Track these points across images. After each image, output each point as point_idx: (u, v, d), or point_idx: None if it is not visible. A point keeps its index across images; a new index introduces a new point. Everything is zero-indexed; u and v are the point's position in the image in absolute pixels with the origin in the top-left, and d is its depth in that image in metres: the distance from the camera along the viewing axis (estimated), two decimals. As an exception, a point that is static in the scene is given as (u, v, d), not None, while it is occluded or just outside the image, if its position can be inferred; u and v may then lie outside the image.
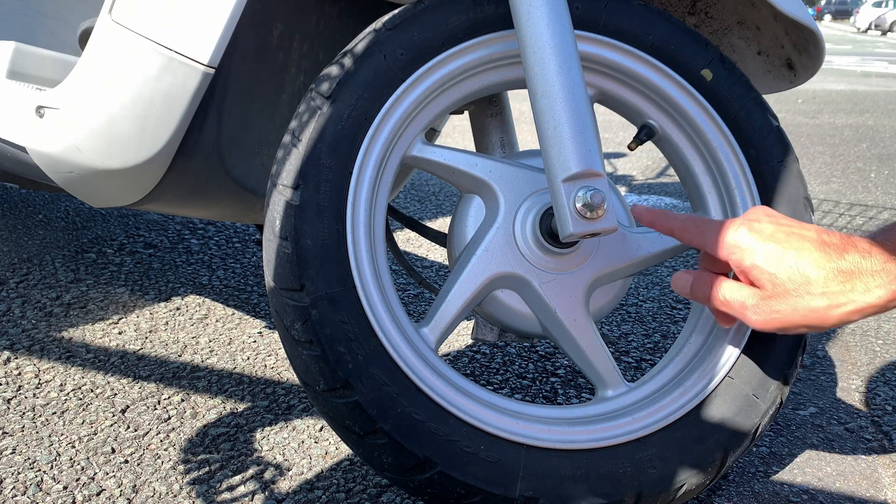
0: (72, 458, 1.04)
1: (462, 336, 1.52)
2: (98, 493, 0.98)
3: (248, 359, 1.37)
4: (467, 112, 1.17)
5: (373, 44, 0.90)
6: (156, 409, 1.19)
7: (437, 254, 2.06)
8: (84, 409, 1.17)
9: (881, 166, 3.59)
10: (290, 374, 1.32)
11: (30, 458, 1.04)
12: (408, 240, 2.18)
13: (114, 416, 1.16)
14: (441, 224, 2.39)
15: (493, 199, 0.97)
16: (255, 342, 1.44)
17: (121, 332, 1.44)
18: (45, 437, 1.09)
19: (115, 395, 1.22)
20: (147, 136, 0.98)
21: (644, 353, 1.48)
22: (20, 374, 1.26)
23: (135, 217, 2.13)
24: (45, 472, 1.01)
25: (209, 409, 1.20)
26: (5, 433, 1.09)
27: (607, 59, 0.98)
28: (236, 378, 1.30)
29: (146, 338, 1.43)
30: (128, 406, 1.19)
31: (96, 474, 1.01)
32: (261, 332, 1.49)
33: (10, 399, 1.18)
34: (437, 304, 0.95)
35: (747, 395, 0.96)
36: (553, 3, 0.85)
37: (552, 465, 0.89)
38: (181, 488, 0.99)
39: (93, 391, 1.22)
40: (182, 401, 1.21)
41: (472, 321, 1.10)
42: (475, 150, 1.08)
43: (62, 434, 1.10)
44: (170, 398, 1.22)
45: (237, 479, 1.02)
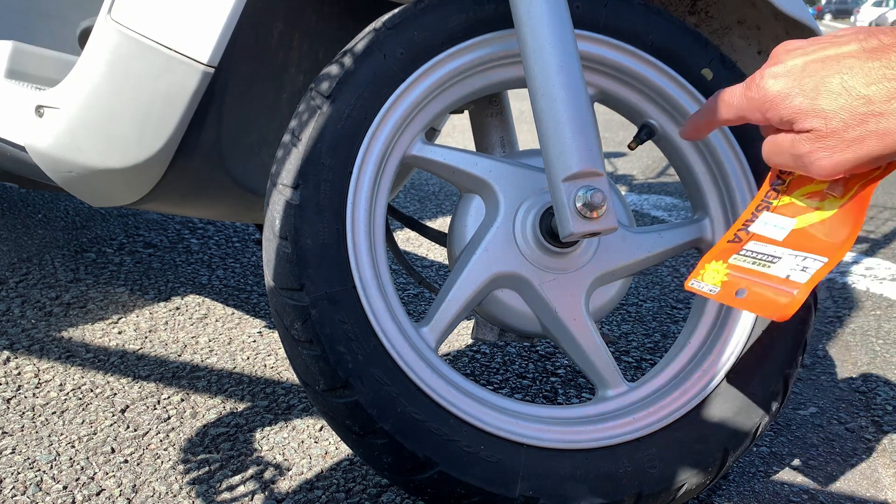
0: (71, 458, 1.04)
1: (462, 336, 1.52)
2: (98, 493, 0.97)
3: (248, 358, 1.37)
4: (467, 111, 1.17)
5: (373, 43, 0.90)
6: (155, 408, 1.18)
7: (437, 253, 2.06)
8: (84, 409, 1.17)
9: (881, 166, 3.59)
10: (289, 374, 1.32)
11: (29, 458, 1.04)
12: (408, 239, 2.17)
13: (113, 415, 1.16)
14: (441, 224, 2.39)
15: (493, 198, 0.97)
16: (254, 342, 1.44)
17: (120, 332, 1.44)
18: (45, 437, 1.09)
19: (115, 394, 1.22)
20: (147, 136, 0.98)
21: (644, 353, 1.48)
22: (20, 373, 1.26)
23: (134, 217, 2.13)
24: (44, 471, 1.01)
25: (209, 408, 1.19)
26: (5, 433, 1.09)
27: (607, 58, 0.98)
28: (236, 378, 1.30)
29: (146, 337, 1.43)
30: (127, 406, 1.19)
31: (96, 474, 1.01)
32: (260, 332, 1.49)
33: (10, 399, 1.18)
34: (437, 303, 0.95)
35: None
36: (553, 3, 0.84)
37: (552, 465, 0.88)
38: (181, 488, 0.99)
39: (92, 391, 1.22)
40: (182, 400, 1.21)
41: (472, 321, 1.10)
42: (475, 150, 1.08)
43: (62, 434, 1.10)
44: (169, 398, 1.22)
45: (237, 478, 1.02)
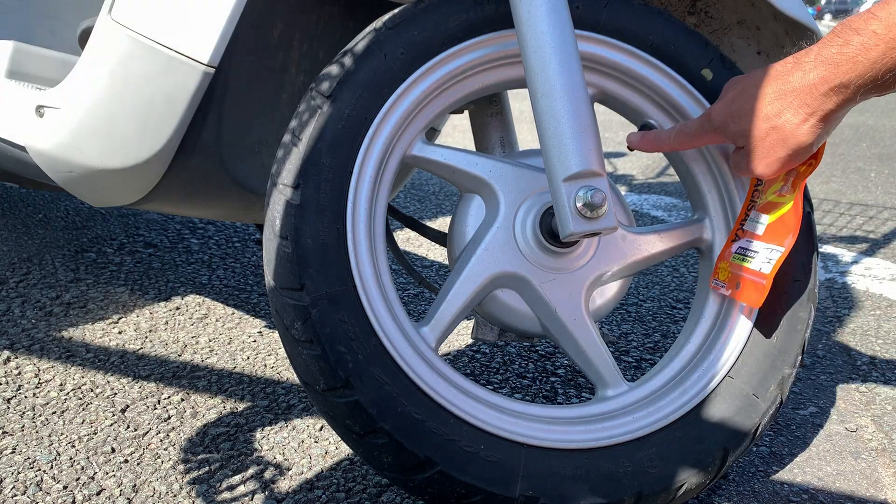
0: (72, 458, 1.04)
1: (462, 336, 1.52)
2: (98, 493, 0.97)
3: (248, 358, 1.37)
4: (467, 111, 1.17)
5: (373, 43, 0.90)
6: (156, 408, 1.19)
7: (437, 253, 2.06)
8: (84, 409, 1.17)
9: (881, 166, 3.59)
10: (290, 374, 1.32)
11: (29, 458, 1.04)
12: (408, 239, 2.18)
13: (114, 415, 1.16)
14: (441, 223, 2.39)
15: (493, 198, 0.97)
16: (254, 342, 1.44)
17: (121, 332, 1.44)
18: (45, 437, 1.09)
19: (115, 394, 1.22)
20: (147, 136, 0.98)
21: (644, 353, 1.48)
22: (20, 373, 1.26)
23: (135, 216, 2.13)
24: (44, 471, 1.01)
25: (209, 408, 1.20)
26: (5, 433, 1.09)
27: (608, 58, 0.98)
28: (236, 377, 1.30)
29: (146, 337, 1.43)
30: (128, 406, 1.19)
31: (96, 474, 1.01)
32: (261, 332, 1.49)
33: (10, 399, 1.18)
34: (437, 303, 0.95)
35: (747, 394, 0.96)
36: (553, 3, 0.85)
37: (552, 465, 0.88)
38: (181, 488, 0.99)
39: (93, 391, 1.22)
40: (182, 400, 1.21)
41: (472, 321, 1.10)
42: (475, 150, 1.08)
43: (62, 434, 1.10)
44: (170, 398, 1.22)
45: (237, 478, 1.02)
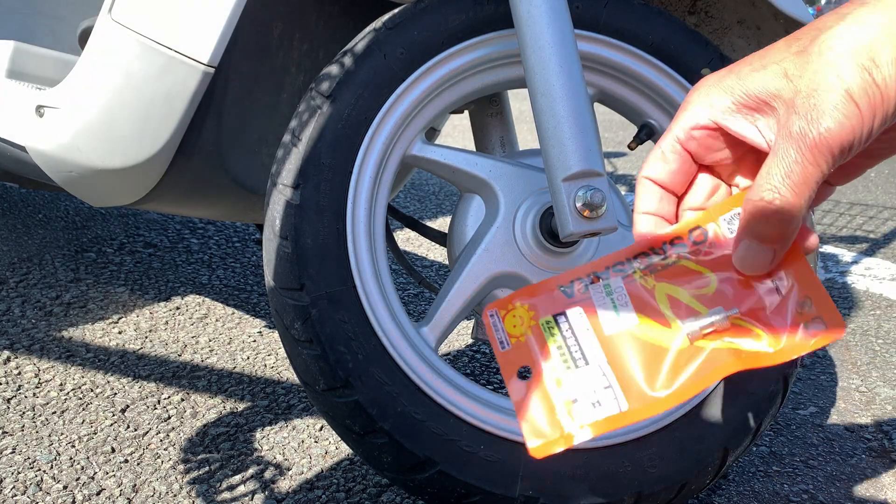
0: (72, 458, 1.04)
1: (462, 336, 1.52)
2: (98, 493, 0.97)
3: (248, 358, 1.37)
4: (467, 111, 1.17)
5: (373, 43, 0.90)
6: (156, 408, 1.18)
7: (437, 253, 2.06)
8: (84, 409, 1.17)
9: (881, 165, 3.59)
10: (289, 374, 1.32)
11: (30, 458, 1.04)
12: (408, 239, 2.18)
13: (114, 415, 1.16)
14: (441, 223, 2.39)
15: (493, 198, 0.97)
16: (254, 342, 1.44)
17: (120, 332, 1.44)
18: (45, 437, 1.09)
19: (115, 394, 1.22)
20: (147, 136, 0.98)
21: (644, 353, 1.48)
22: (20, 373, 1.26)
23: (135, 216, 2.13)
24: (44, 471, 1.01)
25: (209, 408, 1.20)
26: (5, 433, 1.09)
27: (607, 58, 0.98)
28: (236, 377, 1.30)
29: (146, 337, 1.43)
30: (128, 405, 1.19)
31: (96, 474, 1.01)
32: (261, 332, 1.49)
33: (10, 398, 1.18)
34: (437, 303, 0.95)
35: (747, 394, 0.96)
36: (553, 3, 0.84)
37: (552, 465, 0.88)
38: (181, 488, 0.99)
39: (93, 391, 1.22)
40: (182, 400, 1.21)
41: (472, 321, 1.10)
42: (475, 150, 1.08)
43: (62, 433, 1.10)
44: (170, 398, 1.22)
45: (237, 478, 1.02)
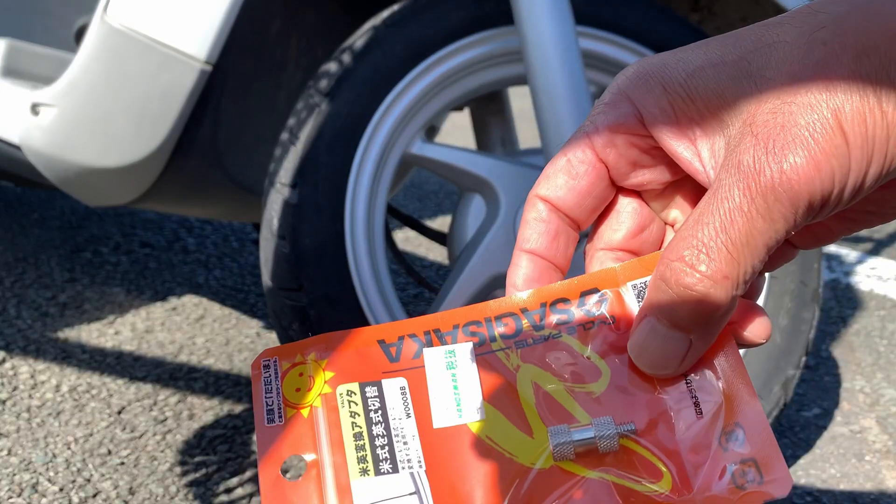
0: (67, 460, 1.03)
1: (462, 336, 1.51)
2: (94, 495, 0.96)
3: (246, 359, 1.36)
4: (467, 109, 1.17)
5: (372, 40, 0.89)
6: (152, 410, 1.17)
7: (437, 253, 2.05)
8: (80, 410, 1.16)
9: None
10: (288, 375, 1.31)
11: (25, 460, 1.03)
12: (407, 239, 2.17)
13: (110, 417, 1.15)
14: (441, 223, 2.39)
15: (493, 197, 0.96)
16: (252, 342, 1.43)
17: (117, 333, 1.43)
18: (41, 439, 1.08)
19: (111, 396, 1.21)
20: (143, 134, 0.97)
21: (645, 354, 1.48)
22: (15, 374, 1.25)
23: (131, 216, 2.12)
24: (40, 473, 1.00)
25: (206, 410, 1.19)
26: (1, 434, 1.08)
27: (609, 55, 0.97)
28: (233, 379, 1.29)
29: (142, 338, 1.42)
30: (124, 407, 1.18)
31: (92, 476, 1.00)
32: (258, 333, 1.48)
33: (6, 400, 1.17)
34: (437, 303, 0.94)
35: (751, 396, 0.95)
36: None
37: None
38: (178, 490, 0.98)
39: (88, 392, 1.21)
40: (178, 402, 1.20)
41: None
42: (476, 148, 1.07)
43: (58, 435, 1.09)
44: (166, 399, 1.21)
45: (234, 481, 1.01)
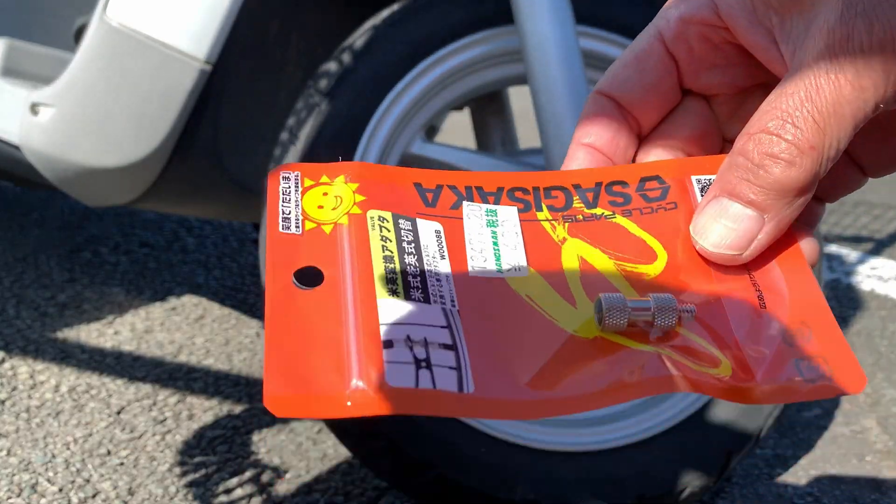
0: (67, 460, 1.03)
1: (461, 336, 1.51)
2: (94, 496, 0.96)
3: (245, 360, 1.36)
4: (468, 109, 1.16)
5: (372, 39, 0.89)
6: (151, 410, 1.17)
7: (436, 253, 2.05)
8: (79, 411, 1.16)
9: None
10: (287, 375, 1.31)
11: (24, 460, 1.03)
12: (406, 239, 2.17)
13: (109, 417, 1.14)
14: (440, 223, 2.39)
15: (493, 197, 0.96)
16: (252, 343, 1.43)
17: (116, 333, 1.43)
18: (40, 439, 1.08)
19: (111, 396, 1.20)
20: (143, 134, 0.97)
21: (645, 354, 1.48)
22: (14, 374, 1.25)
23: (130, 216, 2.12)
24: (40, 473, 1.00)
25: (205, 410, 1.18)
26: (0, 435, 1.08)
27: (610, 55, 0.97)
28: (233, 379, 1.29)
29: (142, 338, 1.42)
30: (123, 407, 1.18)
31: (92, 476, 1.00)
32: (258, 333, 1.48)
33: (5, 400, 1.17)
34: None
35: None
36: (555, -1, 0.84)
37: (554, 468, 0.88)
38: (177, 491, 0.98)
39: (88, 392, 1.21)
40: (178, 402, 1.20)
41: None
42: (476, 148, 1.07)
43: (57, 435, 1.09)
44: (166, 399, 1.21)
45: (234, 481, 1.01)
